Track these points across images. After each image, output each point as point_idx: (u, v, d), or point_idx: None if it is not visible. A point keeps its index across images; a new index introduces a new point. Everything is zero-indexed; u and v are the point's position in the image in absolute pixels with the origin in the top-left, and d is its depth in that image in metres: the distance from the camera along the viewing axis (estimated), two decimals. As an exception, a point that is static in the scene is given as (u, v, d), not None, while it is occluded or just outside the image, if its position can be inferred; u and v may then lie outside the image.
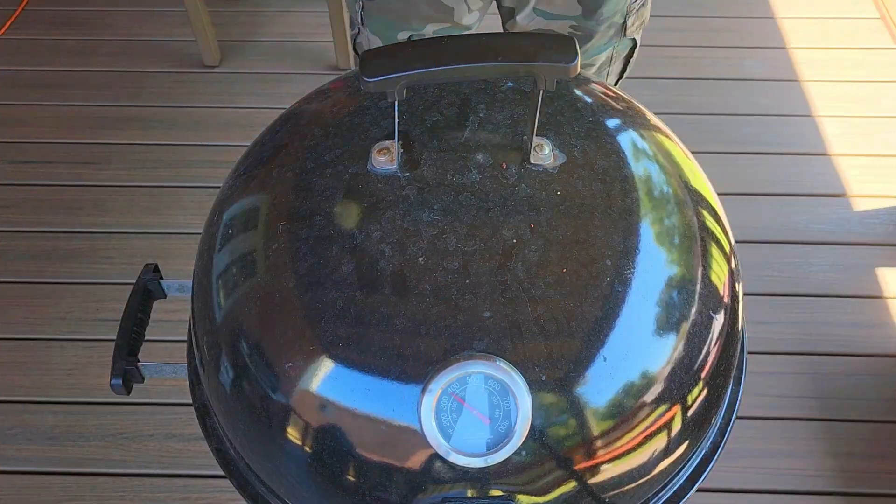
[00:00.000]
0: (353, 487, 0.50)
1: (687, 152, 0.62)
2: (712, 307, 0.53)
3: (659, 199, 0.55)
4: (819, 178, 1.85)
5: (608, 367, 0.48)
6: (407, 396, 0.47)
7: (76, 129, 1.97)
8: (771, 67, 2.11)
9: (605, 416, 0.48)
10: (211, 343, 0.55)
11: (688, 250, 0.54)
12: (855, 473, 1.39)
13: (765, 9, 2.27)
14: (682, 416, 0.52)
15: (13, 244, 1.73)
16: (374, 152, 0.54)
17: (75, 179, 1.86)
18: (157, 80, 2.09)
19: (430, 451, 0.47)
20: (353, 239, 0.51)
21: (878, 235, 1.73)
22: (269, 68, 2.08)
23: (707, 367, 0.53)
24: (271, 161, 0.59)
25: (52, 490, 1.38)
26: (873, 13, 2.25)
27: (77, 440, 1.44)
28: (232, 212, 0.58)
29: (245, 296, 0.53)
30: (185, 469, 1.40)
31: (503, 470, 0.48)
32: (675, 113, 1.97)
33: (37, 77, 2.10)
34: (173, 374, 0.65)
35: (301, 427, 0.50)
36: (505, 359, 0.46)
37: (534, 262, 0.49)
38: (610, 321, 0.49)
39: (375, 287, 0.49)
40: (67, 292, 1.64)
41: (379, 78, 0.48)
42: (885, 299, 1.62)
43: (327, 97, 0.63)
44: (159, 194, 1.83)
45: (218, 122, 1.98)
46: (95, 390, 1.50)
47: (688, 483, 0.58)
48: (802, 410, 1.47)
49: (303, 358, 0.49)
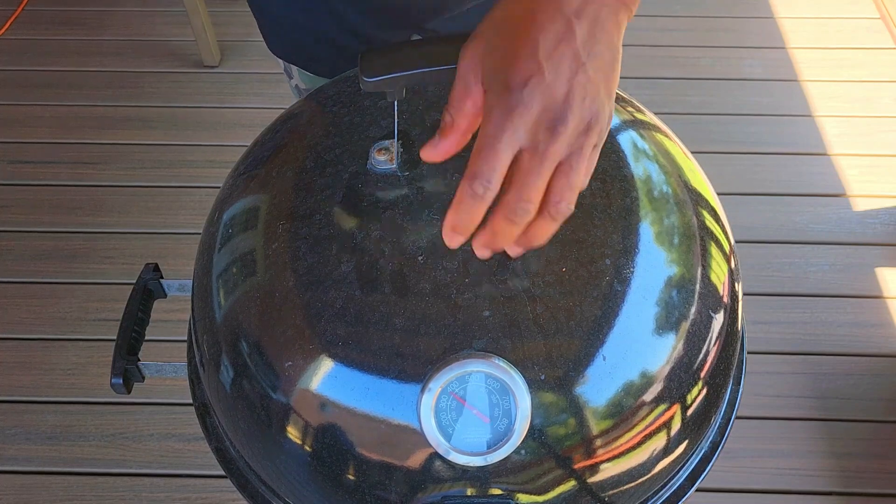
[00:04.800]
0: (352, 486, 0.50)
1: (687, 152, 0.62)
2: (712, 307, 0.53)
3: (658, 198, 0.55)
4: (819, 178, 1.85)
5: (607, 367, 0.48)
6: (406, 395, 0.47)
7: (76, 129, 1.97)
8: (771, 67, 2.11)
9: (604, 415, 0.48)
10: (211, 342, 0.55)
11: (687, 250, 0.54)
12: (855, 473, 1.39)
13: (765, 9, 2.27)
14: (682, 415, 0.52)
15: (13, 244, 1.73)
16: (373, 152, 0.54)
17: (75, 179, 1.86)
18: (156, 80, 2.09)
19: (430, 450, 0.47)
20: (352, 238, 0.51)
21: (878, 235, 1.73)
22: (269, 68, 2.08)
23: (707, 366, 0.53)
24: (271, 160, 0.59)
25: (52, 490, 1.38)
26: (873, 13, 2.25)
27: (77, 440, 1.44)
28: (232, 211, 0.58)
29: (245, 295, 0.53)
30: (185, 469, 1.40)
31: (503, 469, 0.48)
32: (674, 113, 1.97)
33: (37, 77, 2.10)
34: (173, 373, 0.65)
35: (301, 426, 0.50)
36: (504, 358, 0.46)
37: (533, 261, 0.49)
38: (609, 320, 0.49)
39: (375, 286, 0.49)
40: (67, 292, 1.65)
41: (378, 77, 0.48)
42: (885, 299, 1.62)
43: (327, 97, 0.63)
44: (159, 194, 1.83)
45: (218, 122, 1.98)
46: (95, 390, 1.50)
47: (687, 482, 0.58)
48: (802, 410, 1.47)
49: (303, 357, 0.49)
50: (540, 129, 0.39)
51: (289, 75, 0.88)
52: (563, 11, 0.40)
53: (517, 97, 0.39)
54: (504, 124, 0.39)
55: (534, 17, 0.41)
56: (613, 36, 0.41)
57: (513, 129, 0.39)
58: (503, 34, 0.41)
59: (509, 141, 0.39)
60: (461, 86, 0.42)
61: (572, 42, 0.40)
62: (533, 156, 0.40)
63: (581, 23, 0.40)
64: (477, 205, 0.40)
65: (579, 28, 0.40)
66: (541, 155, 0.40)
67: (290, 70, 0.86)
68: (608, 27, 0.41)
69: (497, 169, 0.40)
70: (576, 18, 0.40)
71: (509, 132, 0.39)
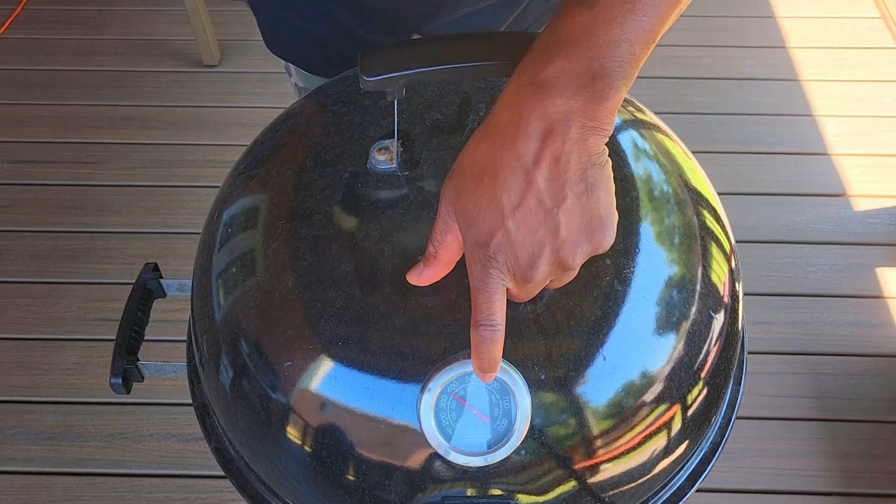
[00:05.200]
0: (352, 486, 0.50)
1: (687, 152, 0.62)
2: (712, 307, 0.53)
3: (659, 198, 0.55)
4: (819, 177, 1.85)
5: (608, 367, 0.48)
6: (406, 395, 0.47)
7: (75, 128, 1.97)
8: (771, 67, 2.11)
9: (604, 415, 0.48)
10: (210, 342, 0.55)
11: (688, 250, 0.54)
12: (855, 473, 1.39)
13: (765, 8, 2.27)
14: (682, 415, 0.52)
15: (13, 244, 1.73)
16: (373, 151, 0.54)
17: (75, 179, 1.86)
18: (156, 79, 2.09)
19: (430, 451, 0.47)
20: (352, 238, 0.51)
21: (879, 235, 1.73)
22: (268, 68, 2.08)
23: (707, 366, 0.53)
24: (271, 160, 0.59)
25: (52, 490, 1.38)
26: (873, 13, 2.25)
27: (76, 440, 1.44)
28: (232, 211, 0.58)
29: (245, 295, 0.53)
30: (185, 469, 1.40)
31: (503, 469, 0.48)
32: (675, 113, 1.97)
33: (36, 76, 2.10)
34: (173, 373, 0.65)
35: (300, 426, 0.50)
36: (504, 358, 0.46)
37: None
38: (609, 320, 0.49)
39: (375, 286, 0.49)
40: (67, 292, 1.64)
41: (378, 77, 0.48)
42: (885, 299, 1.62)
43: (327, 96, 0.63)
44: (159, 194, 1.83)
45: (218, 122, 1.98)
46: (95, 390, 1.50)
47: (687, 483, 0.58)
48: (802, 410, 1.47)
49: (302, 357, 0.49)
50: (517, 276, 0.42)
51: (288, 73, 0.89)
52: (522, 162, 0.41)
53: (487, 253, 0.42)
54: (484, 277, 0.42)
55: (496, 170, 0.41)
56: (584, 164, 0.41)
57: (492, 278, 0.42)
58: (471, 182, 0.43)
59: (495, 287, 0.42)
60: (441, 222, 0.45)
61: (534, 194, 0.41)
62: (518, 292, 0.44)
63: (541, 170, 0.41)
64: (491, 346, 0.43)
65: (540, 177, 0.41)
66: (524, 291, 0.44)
67: (290, 68, 0.87)
68: (573, 161, 0.41)
69: (495, 311, 0.43)
70: (535, 168, 0.41)
71: (491, 282, 0.42)
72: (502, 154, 0.41)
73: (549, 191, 0.41)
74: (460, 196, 0.43)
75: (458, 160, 0.44)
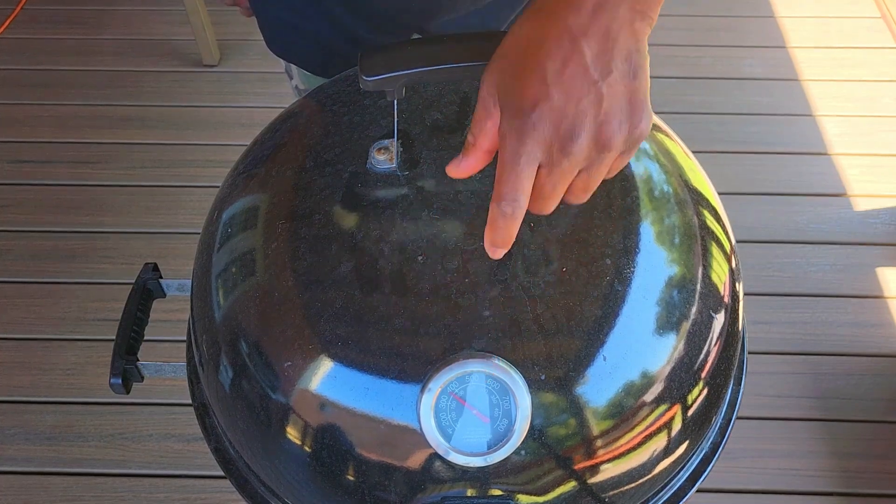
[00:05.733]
0: (352, 487, 0.50)
1: (687, 152, 0.62)
2: (712, 307, 0.53)
3: (659, 198, 0.55)
4: (819, 177, 1.85)
5: (608, 367, 0.48)
6: (406, 396, 0.47)
7: (75, 128, 1.97)
8: (771, 67, 2.11)
9: (604, 415, 0.48)
10: (210, 342, 0.55)
11: (688, 250, 0.54)
12: (855, 473, 1.39)
13: (765, 8, 2.27)
14: (682, 415, 0.52)
15: (12, 244, 1.73)
16: (373, 151, 0.54)
17: (74, 179, 1.85)
18: (156, 79, 2.09)
19: (430, 451, 0.47)
20: (352, 238, 0.51)
21: (879, 235, 1.73)
22: (269, 68, 2.08)
23: (707, 366, 0.53)
24: (271, 160, 0.59)
25: (51, 490, 1.38)
26: (873, 12, 2.25)
27: (76, 440, 1.44)
28: (231, 211, 0.58)
29: (244, 295, 0.53)
30: (185, 469, 1.40)
31: (503, 469, 0.48)
32: (674, 112, 1.97)
33: (36, 76, 2.10)
34: (173, 373, 0.65)
35: (300, 426, 0.50)
36: (504, 358, 0.46)
37: (533, 261, 0.49)
38: (610, 320, 0.49)
39: (374, 286, 0.49)
40: (66, 292, 1.64)
41: (378, 77, 0.48)
42: (885, 299, 1.62)
43: (327, 96, 0.63)
44: (158, 194, 1.83)
45: (217, 122, 1.98)
46: (95, 390, 1.50)
47: (688, 483, 0.58)
48: (802, 410, 1.47)
49: (302, 357, 0.49)
50: (553, 149, 0.41)
51: (289, 75, 0.89)
52: (571, 32, 0.40)
53: (528, 122, 0.41)
54: (519, 148, 0.41)
55: (542, 40, 0.41)
56: (630, 47, 0.41)
57: (527, 151, 0.41)
58: (515, 59, 0.42)
59: (527, 161, 0.41)
60: (482, 108, 0.44)
61: (581, 62, 0.40)
62: (550, 172, 0.42)
63: (589, 41, 0.40)
64: (509, 222, 0.43)
65: (588, 47, 0.40)
66: (556, 172, 0.42)
67: (291, 70, 0.87)
68: (622, 39, 0.41)
69: (520, 188, 0.42)
70: (583, 38, 0.40)
71: (524, 154, 0.41)
72: (549, 26, 0.41)
73: (595, 62, 0.41)
74: (503, 74, 0.42)
75: (501, 44, 0.43)
